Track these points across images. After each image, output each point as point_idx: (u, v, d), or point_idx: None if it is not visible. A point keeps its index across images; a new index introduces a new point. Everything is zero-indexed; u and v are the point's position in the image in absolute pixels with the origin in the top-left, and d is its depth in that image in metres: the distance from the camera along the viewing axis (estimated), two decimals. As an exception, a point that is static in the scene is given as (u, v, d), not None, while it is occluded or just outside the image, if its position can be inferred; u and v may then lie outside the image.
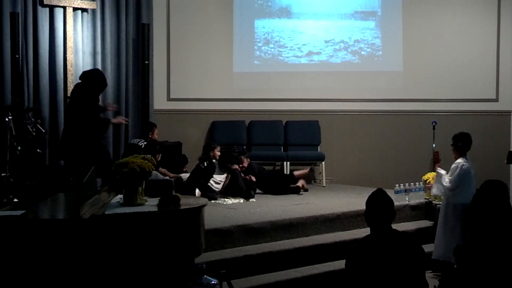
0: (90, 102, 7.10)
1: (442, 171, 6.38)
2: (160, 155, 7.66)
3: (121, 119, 7.97)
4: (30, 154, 7.12)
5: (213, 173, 7.84)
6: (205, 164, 7.81)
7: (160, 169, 7.66)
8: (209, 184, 7.76)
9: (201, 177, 7.72)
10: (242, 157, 8.20)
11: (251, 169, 8.18)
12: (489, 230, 3.30)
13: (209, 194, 7.49)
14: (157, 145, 7.72)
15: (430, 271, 6.13)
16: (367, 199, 3.74)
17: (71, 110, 7.25)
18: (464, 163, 6.14)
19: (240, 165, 8.10)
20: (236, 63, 9.64)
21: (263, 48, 9.71)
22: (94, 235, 4.03)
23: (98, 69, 8.06)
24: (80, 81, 7.26)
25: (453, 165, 6.22)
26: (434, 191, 6.59)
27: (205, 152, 8.11)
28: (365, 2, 9.76)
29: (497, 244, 3.23)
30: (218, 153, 8.06)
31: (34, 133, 7.18)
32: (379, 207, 3.64)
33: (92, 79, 7.18)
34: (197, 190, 7.58)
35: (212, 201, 7.22)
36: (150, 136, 8.05)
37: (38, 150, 7.19)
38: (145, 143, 7.77)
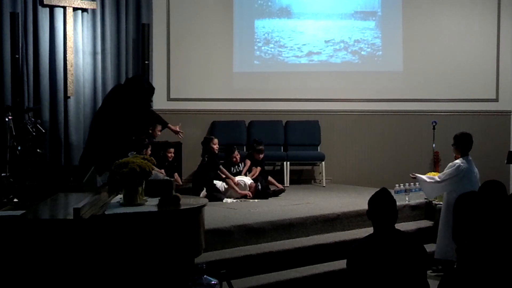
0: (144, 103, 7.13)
1: (420, 175, 6.47)
2: (150, 149, 7.57)
3: (178, 129, 7.77)
4: (30, 154, 7.12)
5: (217, 166, 7.79)
6: (206, 159, 7.78)
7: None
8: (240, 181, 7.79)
9: (209, 171, 7.69)
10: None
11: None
12: (487, 230, 3.30)
13: (215, 194, 7.48)
14: (143, 140, 7.59)
15: (431, 271, 6.13)
16: (372, 198, 3.69)
17: (119, 104, 7.07)
18: (462, 164, 6.11)
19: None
20: (236, 63, 9.64)
21: (263, 48, 9.71)
22: (94, 235, 4.03)
23: (140, 75, 8.07)
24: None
25: (450, 164, 6.21)
26: (425, 194, 6.67)
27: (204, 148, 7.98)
28: (365, 2, 9.76)
29: (496, 244, 3.23)
30: (215, 146, 7.97)
31: (34, 133, 7.18)
32: (384, 207, 3.62)
33: (136, 86, 7.09)
34: (203, 191, 7.56)
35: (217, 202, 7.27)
36: (150, 131, 7.95)
37: (38, 150, 7.19)
38: (134, 153, 7.66)
